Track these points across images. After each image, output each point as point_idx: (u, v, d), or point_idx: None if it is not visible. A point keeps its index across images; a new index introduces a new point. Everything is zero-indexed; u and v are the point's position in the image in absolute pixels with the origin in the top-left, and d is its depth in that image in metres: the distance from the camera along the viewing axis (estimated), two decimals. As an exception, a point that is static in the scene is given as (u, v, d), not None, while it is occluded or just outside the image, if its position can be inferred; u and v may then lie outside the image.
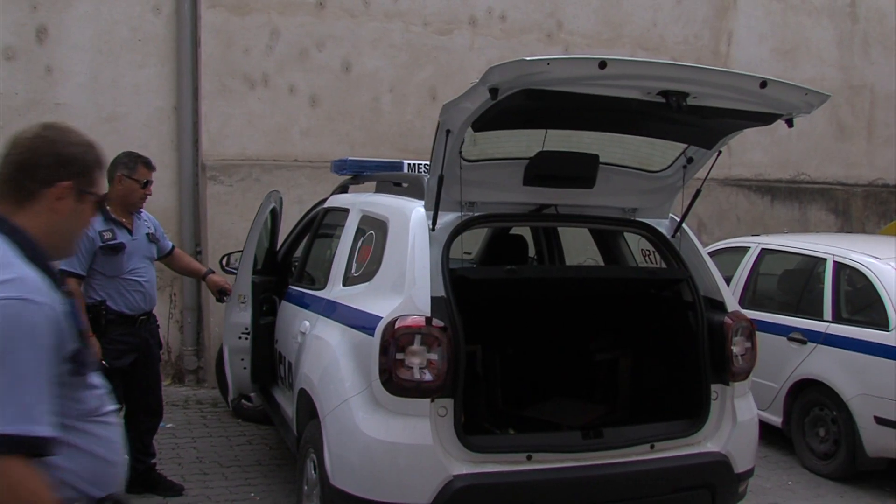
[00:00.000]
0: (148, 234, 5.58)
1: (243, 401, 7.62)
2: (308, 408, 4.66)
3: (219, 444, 6.93)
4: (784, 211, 11.31)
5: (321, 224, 6.04)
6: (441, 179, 4.15)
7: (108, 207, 5.31)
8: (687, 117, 3.91)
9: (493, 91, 3.62)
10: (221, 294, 6.22)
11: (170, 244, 5.99)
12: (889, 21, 12.03)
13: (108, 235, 5.23)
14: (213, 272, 6.36)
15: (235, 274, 7.10)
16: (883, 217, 11.83)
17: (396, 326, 3.99)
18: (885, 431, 6.18)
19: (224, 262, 6.99)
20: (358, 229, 5.06)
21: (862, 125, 12.07)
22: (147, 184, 5.47)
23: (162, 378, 6.04)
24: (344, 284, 4.91)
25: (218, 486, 6.00)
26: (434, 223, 4.27)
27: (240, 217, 8.78)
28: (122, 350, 5.30)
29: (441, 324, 4.00)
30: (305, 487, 4.67)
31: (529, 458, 4.14)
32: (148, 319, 5.53)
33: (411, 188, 4.85)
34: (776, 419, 7.10)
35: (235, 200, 8.83)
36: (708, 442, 4.51)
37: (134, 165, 5.40)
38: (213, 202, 8.78)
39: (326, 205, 6.05)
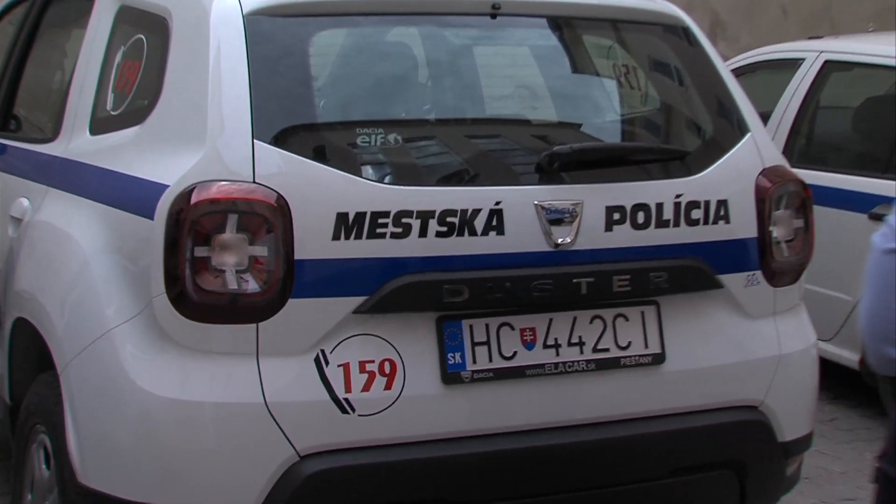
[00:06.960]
0: None
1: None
2: (33, 353, 3.20)
3: None
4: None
5: (39, 24, 4.14)
6: None
7: None
8: None
9: None
10: None
11: None
12: None
13: None
14: None
15: None
16: None
17: (194, 201, 2.62)
18: None
19: None
20: (113, 32, 3.37)
21: None
22: None
23: None
24: (92, 132, 3.28)
25: None
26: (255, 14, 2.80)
27: None
28: None
29: (273, 194, 2.62)
30: (30, 496, 3.19)
31: None
32: None
33: None
34: (849, 355, 4.88)
35: None
36: None
37: None
38: None
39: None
